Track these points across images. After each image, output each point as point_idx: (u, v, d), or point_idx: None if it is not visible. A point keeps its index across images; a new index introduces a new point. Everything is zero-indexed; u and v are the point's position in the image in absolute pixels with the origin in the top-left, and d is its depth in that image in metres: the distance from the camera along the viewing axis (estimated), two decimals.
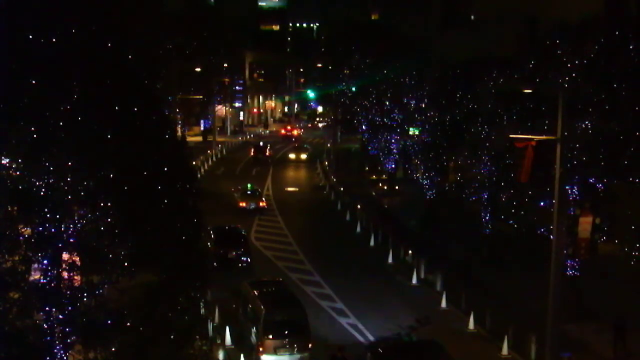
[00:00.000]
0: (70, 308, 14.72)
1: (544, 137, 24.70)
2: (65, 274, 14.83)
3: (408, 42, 61.62)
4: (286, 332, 23.60)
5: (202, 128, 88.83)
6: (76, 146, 14.46)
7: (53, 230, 14.48)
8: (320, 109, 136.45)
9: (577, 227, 26.91)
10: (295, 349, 23.63)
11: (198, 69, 76.11)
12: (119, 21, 16.83)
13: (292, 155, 72.80)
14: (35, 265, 14.68)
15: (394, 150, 52.02)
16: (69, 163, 14.44)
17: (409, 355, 22.61)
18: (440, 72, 44.64)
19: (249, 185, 50.44)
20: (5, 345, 14.09)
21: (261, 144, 75.51)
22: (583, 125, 26.89)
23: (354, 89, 65.91)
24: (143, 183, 15.69)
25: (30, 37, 14.20)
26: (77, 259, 14.97)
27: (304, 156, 72.01)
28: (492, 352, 25.66)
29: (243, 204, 47.28)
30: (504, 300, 29.87)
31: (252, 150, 72.23)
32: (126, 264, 15.13)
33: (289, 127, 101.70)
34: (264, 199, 49.04)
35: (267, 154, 71.60)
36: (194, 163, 49.32)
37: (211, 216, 31.26)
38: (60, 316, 14.65)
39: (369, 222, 42.85)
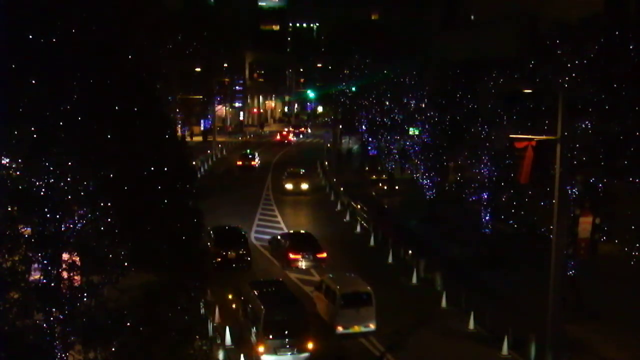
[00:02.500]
0: (70, 308, 14.72)
1: (544, 137, 24.71)
2: (65, 274, 14.83)
3: (408, 42, 61.64)
4: (286, 332, 23.61)
5: (202, 128, 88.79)
6: (76, 146, 14.46)
7: (53, 230, 14.48)
8: (320, 109, 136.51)
9: (577, 227, 26.91)
10: (295, 349, 23.64)
11: (198, 69, 76.09)
12: (119, 21, 16.82)
13: (289, 186, 53.91)
14: (35, 265, 14.68)
15: (394, 150, 52.02)
16: (69, 163, 14.44)
17: (290, 238, 35.60)
18: (440, 72, 44.63)
19: (248, 151, 69.44)
20: (5, 345, 14.09)
21: (285, 130, 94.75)
22: (583, 125, 26.90)
23: (354, 89, 65.89)
24: (143, 183, 15.69)
25: (30, 37, 14.20)
26: (77, 259, 14.97)
27: (305, 186, 53.90)
28: (492, 352, 25.65)
29: (240, 163, 64.77)
30: (504, 300, 29.88)
31: (278, 135, 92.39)
32: (126, 264, 15.14)
33: (296, 125, 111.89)
34: (257, 160, 65.20)
35: (290, 139, 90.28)
36: (194, 163, 49.47)
37: (211, 216, 31.26)
38: (60, 316, 14.65)
39: (369, 222, 42.84)
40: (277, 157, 76.72)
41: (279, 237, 36.63)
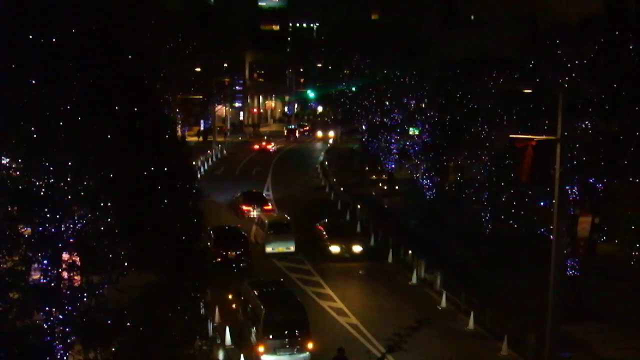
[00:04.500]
0: (70, 308, 14.72)
1: (544, 137, 24.71)
2: (65, 274, 14.83)
3: (408, 42, 61.56)
4: (286, 332, 23.61)
5: (201, 128, 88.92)
6: (76, 146, 14.46)
7: (53, 230, 14.48)
8: (320, 109, 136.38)
9: (577, 226, 26.92)
10: (295, 349, 23.64)
11: (198, 69, 76.04)
12: (119, 21, 16.82)
13: (334, 249, 36.62)
14: (35, 265, 14.67)
15: (394, 150, 52.00)
16: (69, 163, 14.44)
17: (244, 195, 46.00)
18: (440, 72, 44.64)
19: (265, 137, 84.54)
20: (5, 345, 14.09)
21: (293, 126, 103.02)
22: (583, 125, 26.91)
23: (354, 89, 65.83)
24: (143, 183, 15.69)
25: (30, 37, 14.20)
26: (77, 259, 14.97)
27: (357, 248, 36.83)
28: (492, 351, 25.68)
29: (256, 147, 77.46)
30: (504, 300, 29.87)
31: (286, 131, 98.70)
32: (126, 264, 15.14)
33: (301, 124, 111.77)
34: (272, 144, 77.27)
35: (297, 134, 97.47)
36: (193, 163, 49.65)
37: (211, 216, 31.26)
38: (60, 316, 14.65)
39: (369, 222, 42.83)
40: (280, 153, 76.71)
41: (237, 196, 46.75)
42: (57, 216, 14.51)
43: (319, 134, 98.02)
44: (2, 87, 14.03)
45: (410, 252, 36.03)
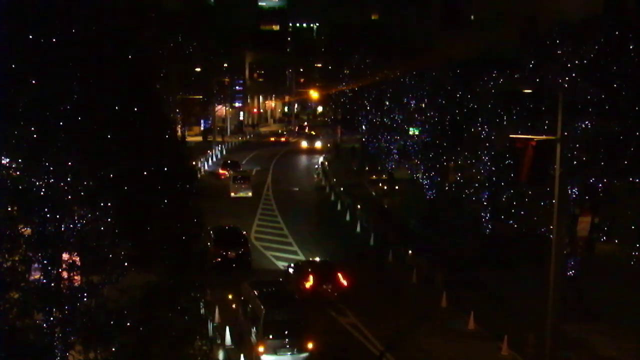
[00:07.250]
0: (70, 308, 14.71)
1: (544, 137, 24.72)
2: (65, 274, 14.82)
3: (408, 42, 61.60)
4: (286, 332, 23.61)
5: (202, 128, 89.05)
6: (76, 146, 14.46)
7: (53, 230, 14.48)
8: (320, 109, 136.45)
9: (577, 226, 26.94)
10: (295, 349, 23.65)
11: (198, 69, 76.08)
12: (119, 21, 16.81)
13: None
14: (35, 265, 14.68)
15: (394, 150, 52.00)
16: (69, 163, 14.44)
17: (223, 161, 64.57)
18: (440, 72, 44.62)
19: (279, 131, 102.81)
20: (5, 345, 14.09)
21: (304, 124, 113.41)
22: (583, 125, 26.92)
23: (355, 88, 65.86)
24: (143, 183, 15.69)
25: (30, 37, 14.20)
26: (77, 259, 14.97)
27: None
28: (492, 351, 25.66)
29: (272, 139, 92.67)
30: (504, 300, 29.88)
31: (297, 128, 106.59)
32: (126, 264, 15.13)
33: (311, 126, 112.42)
34: (286, 137, 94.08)
35: (306, 131, 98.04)
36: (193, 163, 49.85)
37: (211, 216, 31.19)
38: (60, 316, 14.65)
39: (369, 222, 42.84)
40: (280, 153, 76.73)
41: (218, 164, 62.94)
42: (57, 216, 14.50)
43: (304, 144, 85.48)
44: (2, 87, 14.03)
45: (410, 252, 36.02)
